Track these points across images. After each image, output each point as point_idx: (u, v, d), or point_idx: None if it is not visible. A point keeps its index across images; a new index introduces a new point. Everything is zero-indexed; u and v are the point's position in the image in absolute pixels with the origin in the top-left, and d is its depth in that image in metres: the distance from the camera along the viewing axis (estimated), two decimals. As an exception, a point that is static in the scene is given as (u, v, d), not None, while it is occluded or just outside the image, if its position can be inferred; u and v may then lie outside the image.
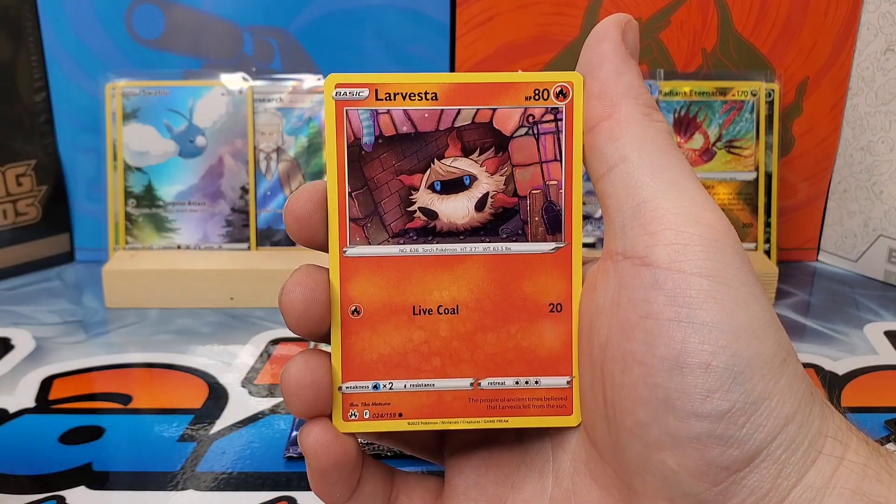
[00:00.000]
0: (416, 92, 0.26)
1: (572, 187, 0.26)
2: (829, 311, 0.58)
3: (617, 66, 0.25)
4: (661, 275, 0.22)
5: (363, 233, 0.26)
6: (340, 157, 0.26)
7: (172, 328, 0.54)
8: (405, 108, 0.26)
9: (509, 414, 0.26)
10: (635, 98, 0.25)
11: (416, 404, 0.26)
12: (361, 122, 0.26)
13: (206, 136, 0.59)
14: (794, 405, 0.22)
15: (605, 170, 0.24)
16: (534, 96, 0.26)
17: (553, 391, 0.26)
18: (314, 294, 0.25)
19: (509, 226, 0.26)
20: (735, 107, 0.60)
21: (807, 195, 0.66)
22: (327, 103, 0.25)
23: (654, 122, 0.25)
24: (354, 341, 0.26)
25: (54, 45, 0.60)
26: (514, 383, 0.26)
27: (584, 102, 0.25)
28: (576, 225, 0.26)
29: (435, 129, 0.26)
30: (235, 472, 0.39)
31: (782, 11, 0.61)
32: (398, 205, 0.26)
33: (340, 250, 0.26)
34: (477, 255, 0.26)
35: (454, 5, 0.61)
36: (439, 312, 0.26)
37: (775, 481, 0.21)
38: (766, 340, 0.22)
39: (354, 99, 0.26)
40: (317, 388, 0.25)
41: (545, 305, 0.26)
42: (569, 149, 0.26)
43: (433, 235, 0.26)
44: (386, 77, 0.25)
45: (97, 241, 0.64)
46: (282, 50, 0.61)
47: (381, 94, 0.25)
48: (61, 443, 0.42)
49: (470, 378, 0.26)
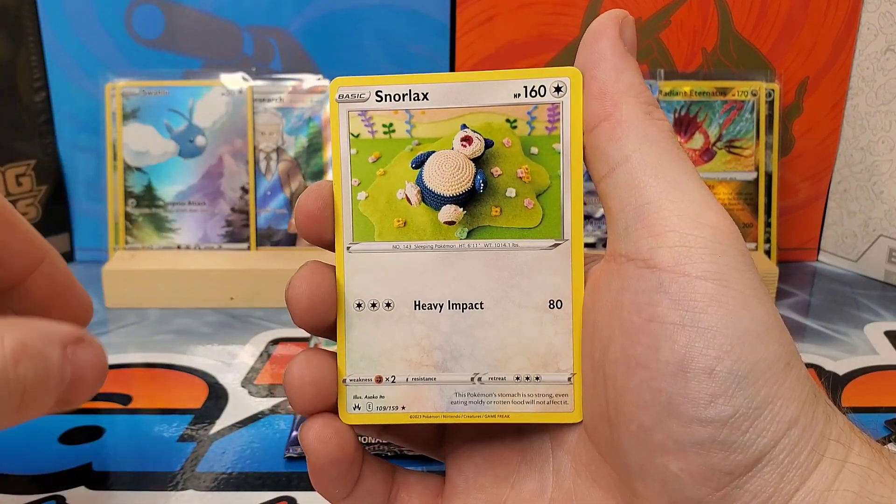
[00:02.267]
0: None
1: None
2: (830, 312, 0.58)
3: (616, 65, 0.25)
4: (665, 278, 0.22)
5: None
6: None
7: (172, 328, 0.54)
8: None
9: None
10: (636, 97, 0.24)
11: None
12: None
13: (205, 136, 0.59)
14: (798, 409, 0.22)
15: (608, 171, 0.24)
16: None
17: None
18: (319, 289, 0.26)
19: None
20: (735, 107, 0.60)
21: (807, 195, 0.66)
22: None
23: (656, 121, 0.24)
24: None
25: (54, 45, 0.60)
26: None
27: (583, 102, 0.25)
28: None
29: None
30: (235, 472, 0.39)
31: (782, 11, 0.61)
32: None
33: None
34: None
35: (454, 5, 0.61)
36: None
37: (778, 485, 0.21)
38: (770, 344, 0.22)
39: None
40: (318, 385, 0.26)
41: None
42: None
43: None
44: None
45: (97, 241, 0.64)
46: (282, 50, 0.61)
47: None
48: (61, 443, 0.42)
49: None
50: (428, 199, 0.26)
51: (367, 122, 0.26)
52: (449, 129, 0.26)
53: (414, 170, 0.26)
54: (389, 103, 0.26)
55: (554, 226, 0.26)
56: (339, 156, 0.26)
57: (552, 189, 0.26)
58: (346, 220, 0.26)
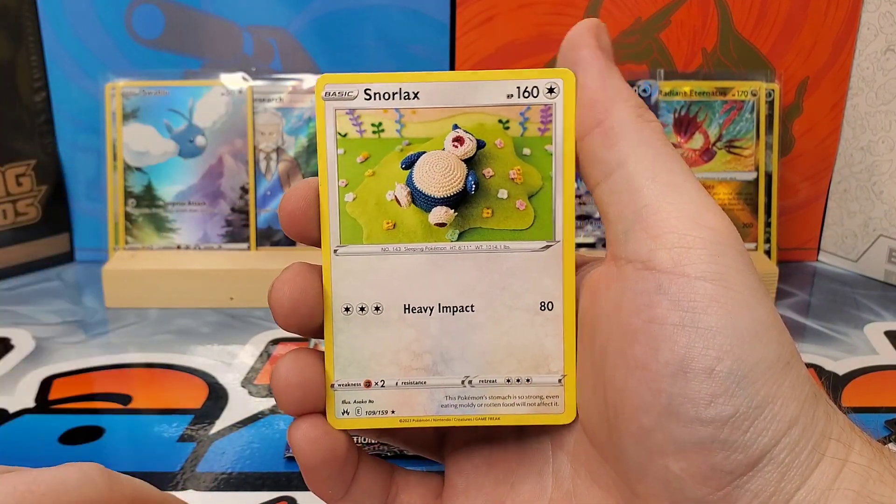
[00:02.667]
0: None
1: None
2: (830, 312, 0.58)
3: (600, 71, 0.25)
4: (664, 279, 0.22)
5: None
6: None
7: (172, 328, 0.54)
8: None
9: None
10: (625, 101, 0.24)
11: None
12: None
13: (205, 136, 0.59)
14: (798, 408, 0.22)
15: (603, 176, 0.24)
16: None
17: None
18: (302, 293, 0.25)
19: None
20: (735, 107, 0.60)
21: (807, 195, 0.66)
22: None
23: (648, 123, 0.24)
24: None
25: (54, 45, 0.60)
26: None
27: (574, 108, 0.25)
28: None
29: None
30: (235, 473, 0.39)
31: (782, 11, 0.61)
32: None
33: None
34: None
35: (454, 5, 0.61)
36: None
37: (779, 485, 0.21)
38: (769, 344, 0.22)
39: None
40: (305, 386, 0.26)
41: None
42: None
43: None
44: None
45: (97, 241, 0.64)
46: (282, 50, 0.61)
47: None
48: (61, 443, 0.41)
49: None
50: (418, 200, 0.26)
51: (355, 121, 0.26)
52: (440, 130, 0.26)
53: (404, 171, 0.26)
54: (379, 102, 0.26)
55: (546, 227, 0.26)
56: (325, 156, 0.26)
57: (544, 190, 0.26)
58: (332, 222, 0.26)
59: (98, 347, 0.52)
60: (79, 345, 0.52)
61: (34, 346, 0.52)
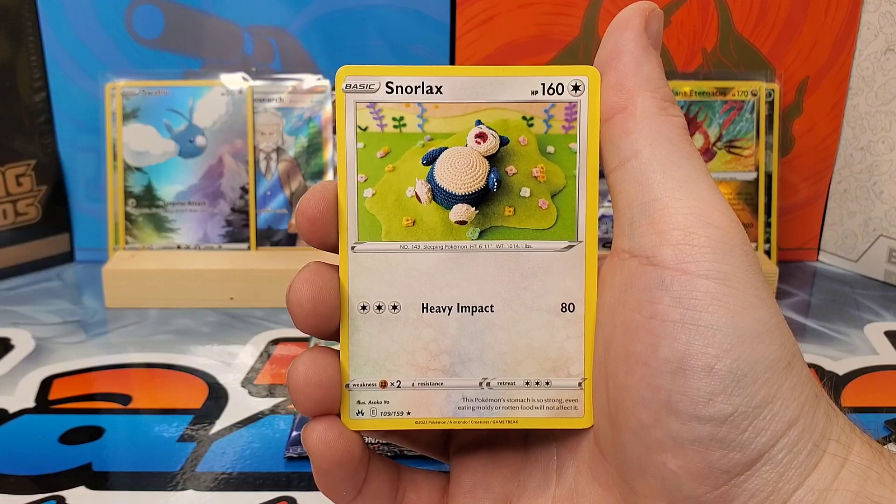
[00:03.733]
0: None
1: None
2: (830, 312, 0.58)
3: (637, 57, 0.24)
4: (666, 275, 0.22)
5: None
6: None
7: (172, 328, 0.54)
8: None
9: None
10: (653, 91, 0.24)
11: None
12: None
13: (205, 136, 0.59)
14: (798, 409, 0.22)
15: (618, 164, 0.24)
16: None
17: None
18: (321, 292, 0.25)
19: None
20: (735, 107, 0.60)
21: (807, 195, 0.66)
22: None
23: (670, 117, 0.24)
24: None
25: (54, 45, 0.60)
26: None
27: (601, 92, 0.25)
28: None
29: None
30: (235, 473, 0.39)
31: (782, 11, 0.61)
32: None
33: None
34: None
35: (454, 5, 0.61)
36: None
37: (777, 484, 0.21)
38: (770, 344, 0.22)
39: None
40: (325, 386, 0.25)
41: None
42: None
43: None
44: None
45: (97, 241, 0.64)
46: (282, 50, 0.61)
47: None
48: (61, 443, 0.42)
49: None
50: (439, 197, 0.25)
51: (375, 115, 0.25)
52: (463, 125, 0.25)
53: (425, 166, 0.25)
54: (401, 95, 0.25)
55: (568, 227, 0.25)
56: (344, 149, 0.25)
57: (567, 189, 0.25)
58: (350, 218, 0.25)
59: (98, 347, 0.52)
60: (79, 345, 0.52)
61: (34, 346, 0.52)
